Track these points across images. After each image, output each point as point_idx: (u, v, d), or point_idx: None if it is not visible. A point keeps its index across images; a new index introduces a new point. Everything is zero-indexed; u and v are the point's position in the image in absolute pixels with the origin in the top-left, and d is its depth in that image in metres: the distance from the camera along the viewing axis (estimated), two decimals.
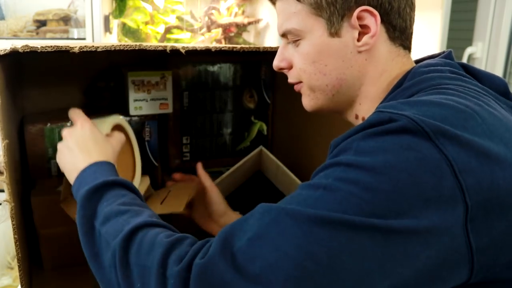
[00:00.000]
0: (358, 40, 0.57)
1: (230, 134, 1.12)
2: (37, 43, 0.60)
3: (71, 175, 0.62)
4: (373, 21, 0.56)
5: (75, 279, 0.82)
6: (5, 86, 0.65)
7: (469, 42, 2.14)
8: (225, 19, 2.12)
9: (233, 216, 0.85)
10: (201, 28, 2.13)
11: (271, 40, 2.13)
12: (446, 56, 0.60)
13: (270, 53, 0.69)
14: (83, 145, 0.64)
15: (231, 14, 2.15)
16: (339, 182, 0.43)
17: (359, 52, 0.57)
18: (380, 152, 0.43)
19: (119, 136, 0.72)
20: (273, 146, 1.18)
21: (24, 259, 0.70)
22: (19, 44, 0.58)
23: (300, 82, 0.63)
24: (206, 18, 2.12)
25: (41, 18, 2.00)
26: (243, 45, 0.73)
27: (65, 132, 0.66)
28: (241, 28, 2.18)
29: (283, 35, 0.62)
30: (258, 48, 0.75)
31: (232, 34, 2.16)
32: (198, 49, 0.70)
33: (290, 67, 0.63)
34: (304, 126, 1.10)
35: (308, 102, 0.64)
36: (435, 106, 0.46)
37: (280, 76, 1.19)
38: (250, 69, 1.09)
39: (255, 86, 1.11)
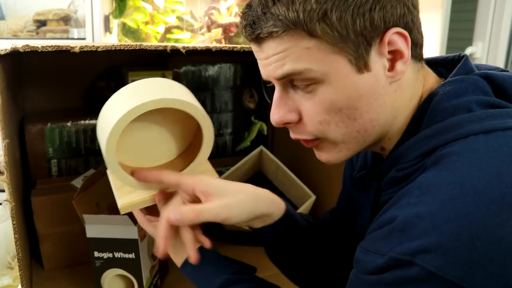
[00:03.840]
0: (390, 69, 0.47)
1: (230, 134, 1.12)
2: (38, 43, 0.60)
3: None
4: (404, 44, 0.46)
5: (75, 279, 0.82)
6: (5, 86, 0.65)
7: (469, 42, 2.14)
8: (225, 19, 2.12)
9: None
10: (201, 28, 2.13)
11: None
12: (466, 69, 0.50)
13: None
14: None
15: (231, 14, 2.14)
16: None
17: (390, 83, 0.48)
18: None
19: None
20: (273, 146, 1.18)
21: (24, 259, 0.70)
22: (19, 44, 0.58)
23: (318, 138, 0.51)
24: (206, 18, 2.12)
25: (41, 18, 2.00)
26: (243, 45, 0.73)
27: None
28: None
29: (283, 78, 0.48)
30: None
31: (232, 34, 2.16)
32: (198, 49, 0.70)
33: (299, 120, 0.50)
34: None
35: (333, 156, 0.52)
36: (458, 219, 0.37)
37: None
38: (250, 69, 1.09)
39: (255, 86, 1.11)
